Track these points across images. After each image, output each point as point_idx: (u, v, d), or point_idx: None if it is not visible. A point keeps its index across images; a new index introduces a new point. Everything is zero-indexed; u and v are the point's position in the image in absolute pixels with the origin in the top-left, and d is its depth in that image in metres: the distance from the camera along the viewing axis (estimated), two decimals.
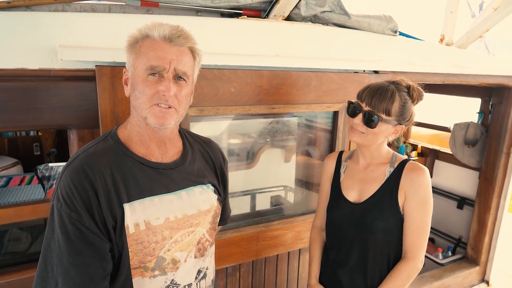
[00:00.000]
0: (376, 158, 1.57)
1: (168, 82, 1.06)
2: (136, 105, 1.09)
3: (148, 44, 1.07)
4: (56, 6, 1.53)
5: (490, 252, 3.31)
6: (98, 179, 1.04)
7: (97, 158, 1.08)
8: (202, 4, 1.73)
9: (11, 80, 1.38)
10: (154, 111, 1.07)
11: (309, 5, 1.96)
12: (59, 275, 0.99)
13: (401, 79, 1.51)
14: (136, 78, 1.08)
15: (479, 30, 2.68)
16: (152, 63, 1.05)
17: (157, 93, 1.06)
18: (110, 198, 1.05)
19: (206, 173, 1.30)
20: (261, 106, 1.86)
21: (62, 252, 0.99)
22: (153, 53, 1.05)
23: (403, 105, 1.45)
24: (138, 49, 1.08)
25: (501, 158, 3.09)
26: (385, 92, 1.43)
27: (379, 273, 1.54)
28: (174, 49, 1.08)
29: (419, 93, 1.51)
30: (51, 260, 1.00)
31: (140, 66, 1.07)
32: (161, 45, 1.06)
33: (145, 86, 1.06)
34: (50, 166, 2.60)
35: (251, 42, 1.82)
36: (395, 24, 2.27)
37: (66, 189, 1.01)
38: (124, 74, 1.17)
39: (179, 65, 1.07)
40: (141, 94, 1.07)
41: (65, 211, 1.00)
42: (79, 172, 1.03)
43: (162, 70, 1.06)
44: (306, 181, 2.55)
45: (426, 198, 1.47)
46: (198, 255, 1.24)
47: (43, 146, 4.94)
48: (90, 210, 1.02)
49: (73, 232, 1.00)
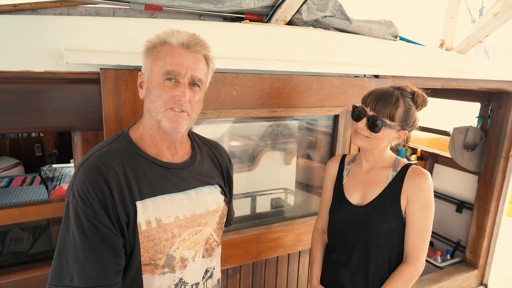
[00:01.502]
0: (379, 162, 1.59)
1: (183, 88, 1.09)
2: (151, 108, 1.12)
3: (166, 49, 1.10)
4: (62, 10, 1.55)
5: (488, 256, 3.32)
6: (112, 176, 1.07)
7: (111, 156, 1.11)
8: (205, 8, 1.76)
9: (17, 82, 1.40)
10: (168, 115, 1.10)
11: (311, 10, 1.98)
12: (74, 270, 1.01)
13: (406, 84, 1.52)
14: (152, 82, 1.11)
15: (479, 35, 2.70)
16: (169, 68, 1.08)
17: (172, 98, 1.09)
18: (123, 195, 1.08)
19: (214, 175, 1.33)
20: (263, 110, 1.88)
21: (78, 247, 1.01)
22: (170, 58, 1.09)
23: (407, 111, 1.47)
24: (155, 54, 1.12)
25: (500, 162, 3.10)
26: (389, 98, 1.44)
27: (381, 275, 1.55)
28: (191, 55, 1.11)
29: (423, 99, 1.52)
30: (66, 256, 1.02)
31: (157, 70, 1.10)
32: (178, 51, 1.10)
33: (161, 90, 1.09)
34: (53, 167, 2.61)
35: (253, 46, 1.84)
36: (396, 29, 2.29)
37: (82, 185, 1.04)
38: (139, 77, 1.20)
39: (195, 72, 1.11)
40: (157, 98, 1.10)
41: (80, 207, 1.02)
42: (93, 170, 1.06)
43: (178, 75, 1.09)
44: (307, 184, 2.57)
45: (428, 202, 1.48)
46: (206, 255, 1.27)
47: (44, 147, 4.96)
48: (105, 207, 1.04)
49: (88, 228, 1.02)
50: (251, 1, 1.82)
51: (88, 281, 1.00)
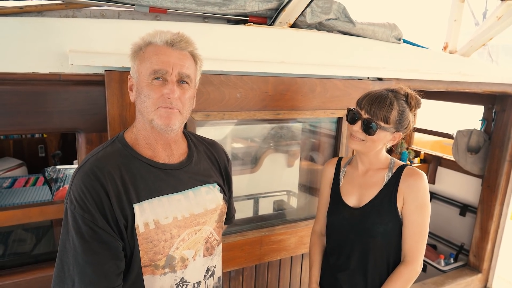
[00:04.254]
0: (375, 164, 1.60)
1: (172, 85, 1.10)
2: (142, 109, 1.13)
3: (151, 49, 1.11)
4: (67, 12, 1.56)
5: (492, 260, 3.31)
6: (108, 180, 1.07)
7: (107, 160, 1.11)
8: (209, 11, 1.76)
9: (22, 84, 1.41)
10: (159, 113, 1.11)
11: (315, 12, 1.99)
12: (75, 275, 1.02)
13: (399, 87, 1.54)
14: (141, 83, 1.12)
15: (483, 38, 2.69)
16: (155, 67, 1.09)
17: (162, 96, 1.10)
18: (121, 199, 1.08)
19: (212, 173, 1.34)
20: (266, 112, 1.88)
21: (77, 252, 1.02)
22: (155, 57, 1.10)
23: (401, 113, 1.48)
24: (141, 56, 1.13)
25: (504, 165, 3.09)
26: (383, 101, 1.46)
27: (379, 276, 1.56)
28: (176, 52, 1.12)
29: (417, 101, 1.54)
30: (67, 261, 1.03)
31: (144, 71, 1.11)
32: (163, 50, 1.11)
33: (150, 90, 1.10)
34: (57, 168, 2.62)
35: (257, 49, 1.84)
36: (399, 32, 2.29)
37: (79, 191, 1.04)
38: (129, 80, 1.21)
39: (182, 68, 1.12)
40: (146, 98, 1.11)
41: (78, 213, 1.03)
42: (90, 175, 1.06)
43: (165, 74, 1.09)
44: (309, 186, 2.56)
45: (424, 202, 1.50)
46: (207, 254, 1.27)
47: (47, 148, 4.98)
48: (102, 211, 1.05)
49: (87, 232, 1.03)
50: (255, 4, 1.83)
51: (88, 285, 1.01)
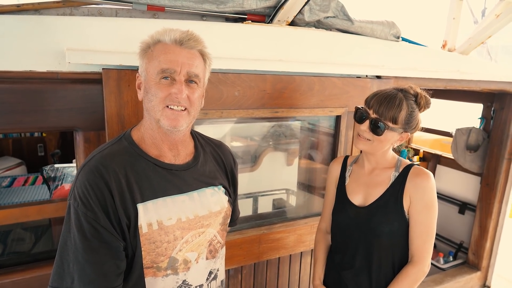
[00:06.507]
0: (381, 163, 1.59)
1: (180, 84, 1.08)
2: (149, 108, 1.12)
3: (160, 48, 1.10)
4: (64, 10, 1.56)
5: (491, 258, 3.31)
6: (113, 179, 1.06)
7: (112, 158, 1.10)
8: (207, 9, 1.76)
9: (20, 82, 1.41)
10: (166, 114, 1.09)
11: (313, 10, 1.98)
12: (75, 272, 1.01)
13: (409, 86, 1.51)
14: (149, 82, 1.11)
15: (481, 36, 2.69)
16: (163, 66, 1.07)
17: (169, 95, 1.08)
18: (124, 198, 1.07)
19: (217, 175, 1.32)
20: (265, 110, 1.88)
21: (78, 250, 1.01)
22: (164, 56, 1.08)
23: (410, 113, 1.46)
24: (150, 54, 1.11)
25: (502, 163, 3.09)
26: (393, 101, 1.43)
27: (384, 276, 1.55)
28: (185, 51, 1.10)
29: (427, 100, 1.51)
30: (67, 258, 1.02)
31: (152, 70, 1.09)
32: (172, 48, 1.09)
33: (157, 89, 1.09)
34: (56, 167, 2.62)
35: (255, 47, 1.84)
36: (398, 30, 2.29)
37: (82, 188, 1.04)
38: (137, 79, 1.19)
39: (191, 68, 1.10)
40: (154, 97, 1.09)
41: (81, 210, 1.02)
42: (94, 172, 1.05)
43: (174, 73, 1.08)
44: (308, 184, 2.56)
45: (431, 202, 1.48)
46: (210, 256, 1.26)
47: (47, 147, 4.97)
48: (105, 209, 1.04)
49: (88, 231, 1.02)
50: (253, 2, 1.82)
51: (87, 284, 1.01)
